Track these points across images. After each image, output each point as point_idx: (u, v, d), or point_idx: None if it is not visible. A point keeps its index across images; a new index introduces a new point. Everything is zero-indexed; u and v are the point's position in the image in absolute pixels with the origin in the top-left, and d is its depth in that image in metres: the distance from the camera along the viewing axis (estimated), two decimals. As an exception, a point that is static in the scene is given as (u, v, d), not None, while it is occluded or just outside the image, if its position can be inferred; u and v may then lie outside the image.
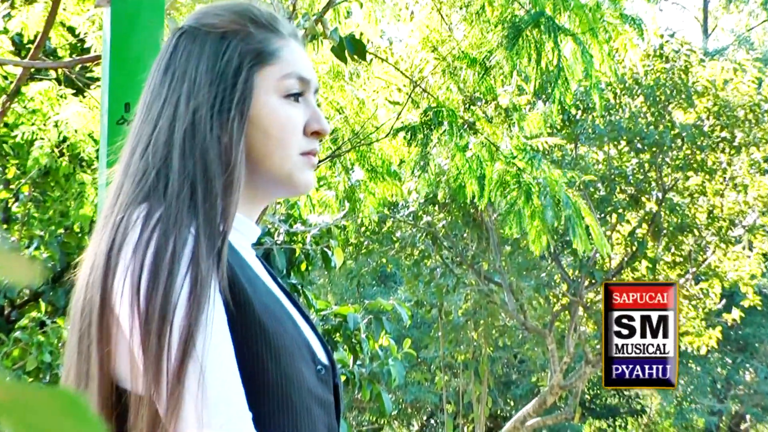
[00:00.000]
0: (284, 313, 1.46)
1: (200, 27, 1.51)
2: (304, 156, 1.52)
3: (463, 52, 6.59)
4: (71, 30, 6.44)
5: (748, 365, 20.82)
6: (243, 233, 1.52)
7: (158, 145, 1.43)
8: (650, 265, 14.85)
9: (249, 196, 1.53)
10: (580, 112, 14.40)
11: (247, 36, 1.50)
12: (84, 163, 7.31)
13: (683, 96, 13.94)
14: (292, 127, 1.50)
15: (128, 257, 1.31)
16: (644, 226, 14.91)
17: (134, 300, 1.28)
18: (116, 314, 1.31)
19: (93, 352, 1.34)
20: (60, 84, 6.59)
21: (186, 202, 1.36)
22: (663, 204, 14.54)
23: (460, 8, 6.77)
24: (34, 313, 6.37)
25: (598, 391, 21.86)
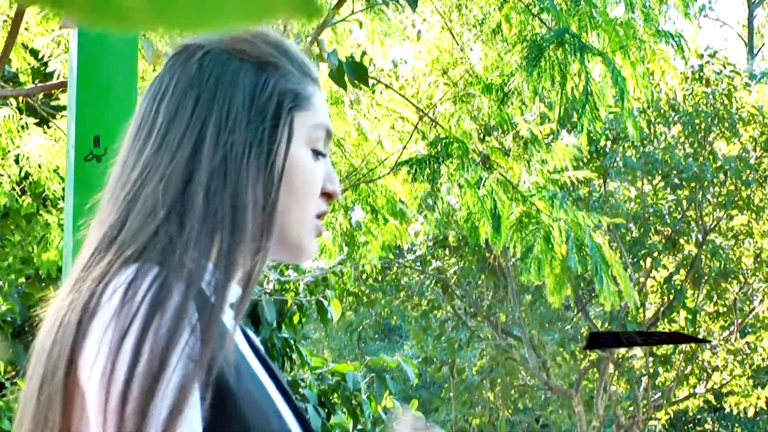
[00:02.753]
0: (267, 401, 1.42)
1: (230, 51, 1.47)
2: (317, 220, 1.50)
3: (477, 76, 6.60)
4: (34, 52, 6.44)
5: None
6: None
7: (174, 179, 1.37)
8: (689, 316, 14.82)
9: None
10: (609, 143, 14.42)
11: (287, 73, 1.47)
12: (48, 203, 7.28)
13: (726, 124, 13.95)
14: (315, 184, 1.48)
15: (107, 319, 1.26)
16: (682, 271, 14.88)
17: (108, 380, 1.24)
18: (82, 390, 1.27)
19: (51, 426, 1.32)
20: (21, 113, 6.57)
21: (203, 252, 1.32)
22: (704, 247, 14.51)
23: (474, 26, 6.79)
24: (-10, 375, 6.33)
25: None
